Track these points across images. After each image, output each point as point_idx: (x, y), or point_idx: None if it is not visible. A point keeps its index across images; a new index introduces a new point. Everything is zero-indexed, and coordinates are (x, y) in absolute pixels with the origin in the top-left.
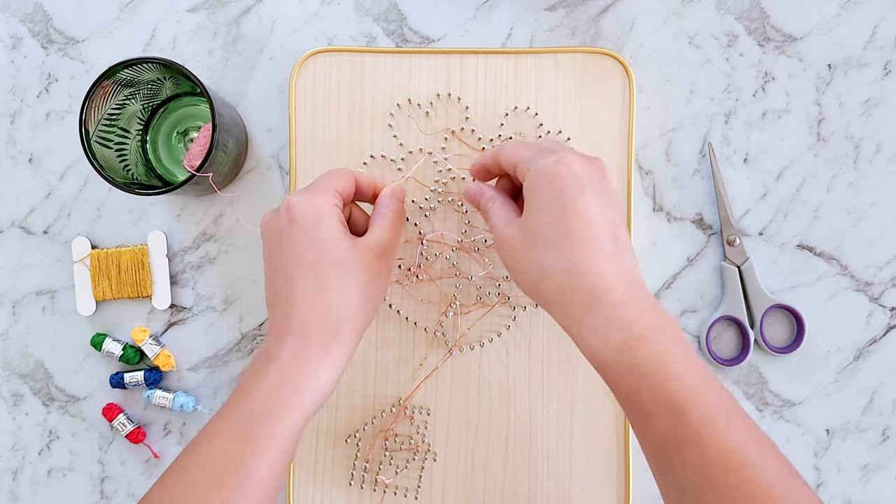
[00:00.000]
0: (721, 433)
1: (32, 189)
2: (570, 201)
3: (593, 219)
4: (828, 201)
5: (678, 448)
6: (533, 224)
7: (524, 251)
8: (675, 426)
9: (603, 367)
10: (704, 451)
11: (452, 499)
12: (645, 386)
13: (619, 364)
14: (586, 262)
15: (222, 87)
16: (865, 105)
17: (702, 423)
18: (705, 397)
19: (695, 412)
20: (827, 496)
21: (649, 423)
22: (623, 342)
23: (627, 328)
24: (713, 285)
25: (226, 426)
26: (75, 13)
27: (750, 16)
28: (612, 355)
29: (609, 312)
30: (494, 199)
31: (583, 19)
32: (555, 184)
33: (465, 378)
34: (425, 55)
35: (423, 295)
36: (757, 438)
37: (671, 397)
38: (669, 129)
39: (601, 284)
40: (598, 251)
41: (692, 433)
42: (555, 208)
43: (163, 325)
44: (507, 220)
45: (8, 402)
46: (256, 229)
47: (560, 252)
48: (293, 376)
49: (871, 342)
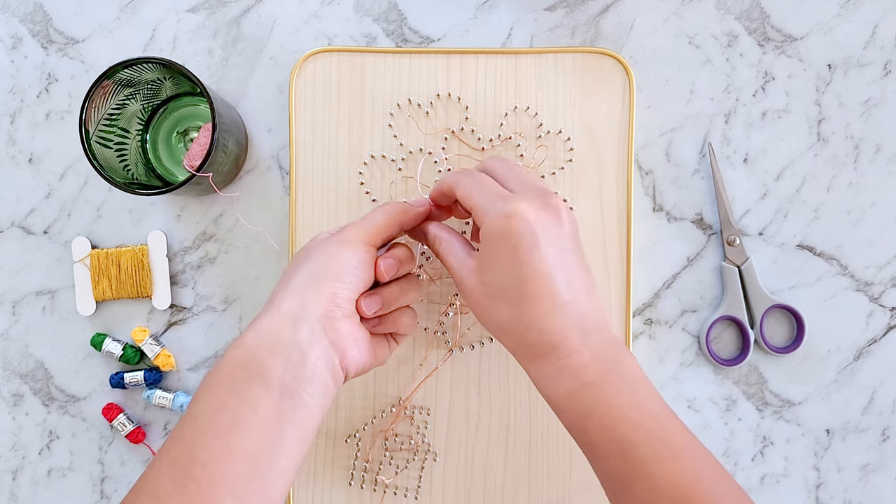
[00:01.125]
0: (669, 469)
1: (32, 189)
2: (524, 259)
3: (548, 272)
4: (828, 201)
5: (627, 485)
6: (489, 279)
7: (482, 302)
8: (623, 464)
9: (556, 409)
10: (652, 486)
11: (452, 499)
12: (592, 427)
13: (570, 409)
14: (541, 318)
15: (222, 87)
16: (865, 105)
17: (647, 460)
18: (653, 436)
19: (640, 450)
20: (827, 496)
21: (599, 461)
22: (573, 388)
23: (577, 376)
24: (713, 285)
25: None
26: (75, 13)
27: (750, 16)
28: (563, 400)
29: (561, 362)
30: (441, 240)
31: (583, 19)
32: (509, 240)
33: (465, 378)
34: (425, 55)
35: (423, 295)
36: (708, 474)
37: (617, 437)
38: (669, 129)
39: (555, 337)
40: (553, 305)
41: (639, 471)
42: (509, 266)
43: (163, 325)
44: (463, 263)
45: (8, 402)
46: (256, 229)
47: (515, 309)
48: (226, 351)
49: (871, 342)
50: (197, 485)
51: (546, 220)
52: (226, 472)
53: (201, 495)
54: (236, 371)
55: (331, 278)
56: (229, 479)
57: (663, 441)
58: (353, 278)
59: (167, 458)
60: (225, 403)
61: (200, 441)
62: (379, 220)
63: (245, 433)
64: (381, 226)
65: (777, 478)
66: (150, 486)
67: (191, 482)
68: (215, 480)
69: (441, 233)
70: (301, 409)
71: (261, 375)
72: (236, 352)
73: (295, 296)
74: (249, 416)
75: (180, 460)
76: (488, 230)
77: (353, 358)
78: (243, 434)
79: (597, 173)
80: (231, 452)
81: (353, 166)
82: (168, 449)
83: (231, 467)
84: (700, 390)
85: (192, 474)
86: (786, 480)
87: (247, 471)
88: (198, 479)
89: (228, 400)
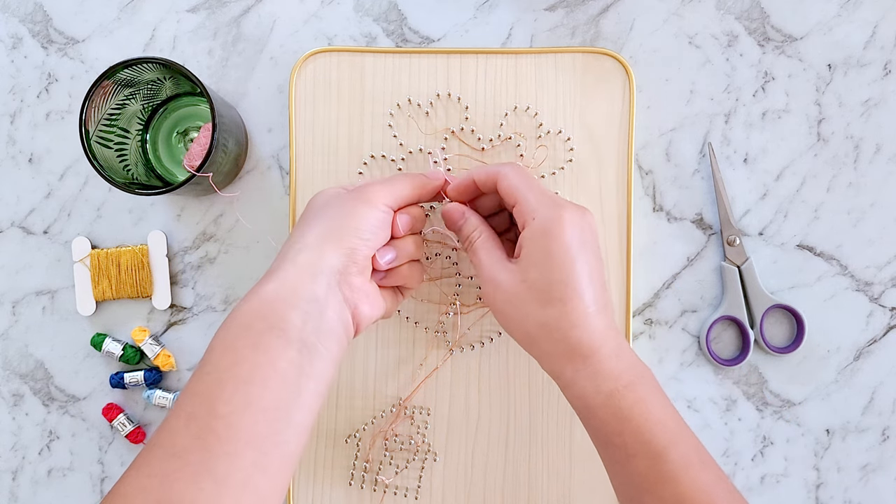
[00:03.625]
0: (695, 475)
1: (32, 189)
2: (574, 259)
3: (592, 276)
4: (828, 201)
5: (655, 487)
6: (534, 276)
7: (524, 302)
8: (654, 466)
9: (590, 411)
10: (680, 490)
11: (452, 499)
12: (628, 428)
13: (606, 409)
14: (587, 317)
15: (222, 87)
16: (865, 105)
17: (678, 464)
18: (682, 441)
19: (672, 454)
20: (827, 496)
21: (630, 462)
22: (613, 389)
23: (617, 377)
24: (713, 285)
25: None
26: (75, 13)
27: (750, 16)
28: (601, 400)
29: (602, 363)
30: (481, 233)
31: (583, 19)
32: (562, 239)
33: (465, 378)
34: (425, 55)
35: (423, 295)
36: (724, 483)
37: (652, 440)
38: (669, 129)
39: (597, 340)
40: (595, 306)
41: (669, 474)
42: (560, 265)
43: (163, 325)
44: (499, 263)
45: (8, 402)
46: (256, 229)
47: (563, 307)
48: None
49: (871, 342)
50: (217, 437)
51: (590, 229)
52: (246, 425)
53: (221, 448)
54: (254, 322)
55: (350, 234)
56: (249, 432)
57: (692, 447)
58: (371, 236)
59: (183, 413)
60: (243, 356)
61: (220, 394)
62: (404, 188)
63: (264, 386)
64: (404, 194)
65: (777, 478)
66: (166, 442)
67: (210, 435)
68: (235, 433)
69: (483, 226)
70: (318, 363)
71: (280, 328)
72: (253, 303)
73: (313, 249)
74: (269, 368)
75: (199, 414)
76: (539, 227)
77: (365, 313)
78: (262, 387)
79: (597, 173)
80: (251, 405)
81: (353, 166)
82: (183, 404)
83: (251, 419)
84: (700, 390)
85: (213, 427)
86: (786, 480)
87: (266, 424)
88: (218, 432)
89: (246, 352)
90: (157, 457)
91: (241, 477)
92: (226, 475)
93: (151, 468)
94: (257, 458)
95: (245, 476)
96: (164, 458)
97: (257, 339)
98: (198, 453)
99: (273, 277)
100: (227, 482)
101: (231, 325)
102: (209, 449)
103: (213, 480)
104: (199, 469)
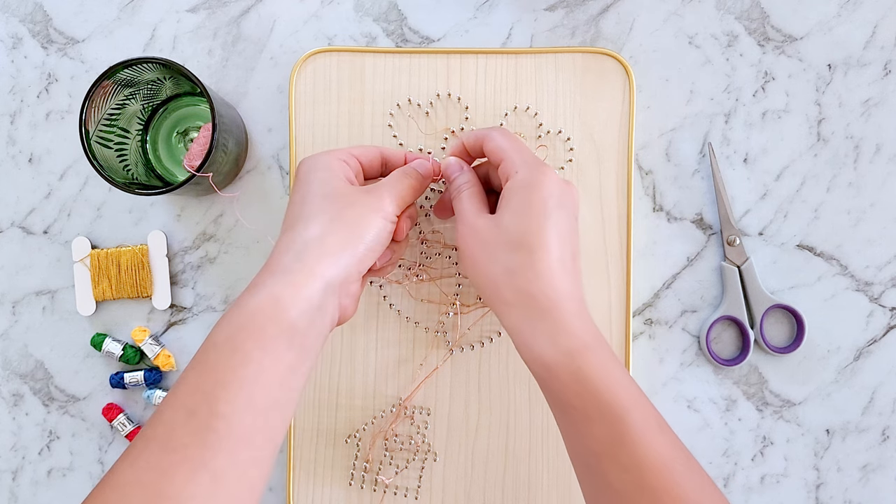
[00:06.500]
0: (654, 439)
1: (32, 189)
2: (550, 213)
3: (563, 236)
4: (828, 201)
5: (614, 451)
6: (510, 223)
7: (494, 246)
8: (613, 430)
9: (547, 371)
10: (639, 454)
11: (452, 499)
12: (588, 390)
13: (564, 368)
14: (551, 271)
15: (222, 87)
16: (865, 105)
17: (637, 429)
18: (641, 407)
19: (632, 418)
20: (827, 496)
21: (588, 426)
22: (573, 348)
23: (577, 337)
24: (713, 285)
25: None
26: (75, 13)
27: (750, 16)
28: (560, 359)
29: (563, 319)
30: (472, 185)
31: (583, 19)
32: (541, 192)
33: (465, 378)
34: (425, 55)
35: (423, 295)
36: (682, 449)
37: (612, 403)
38: (669, 129)
39: (560, 294)
40: (561, 265)
41: (628, 437)
42: (535, 215)
43: (163, 325)
44: (479, 211)
45: (8, 402)
46: (256, 229)
47: (530, 256)
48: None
49: (871, 342)
50: (217, 436)
51: (570, 197)
52: (245, 424)
53: (220, 445)
54: (266, 326)
55: (361, 245)
56: (248, 430)
57: (651, 413)
58: (380, 248)
59: (183, 407)
60: (251, 357)
61: (223, 394)
62: (408, 194)
63: (265, 386)
64: (408, 201)
65: (777, 478)
66: (163, 435)
67: (211, 433)
68: (234, 432)
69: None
70: (307, 363)
71: (289, 334)
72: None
73: (331, 258)
74: (272, 371)
75: (200, 412)
76: (521, 180)
77: (349, 313)
78: (264, 387)
79: (597, 173)
80: (252, 405)
81: None
82: (183, 397)
83: (250, 419)
84: (700, 390)
85: (213, 426)
86: (786, 480)
87: (263, 422)
88: (218, 430)
89: (254, 354)
90: (153, 450)
91: (238, 472)
92: (223, 470)
93: (149, 461)
94: (253, 453)
95: (241, 471)
96: (162, 451)
97: (265, 342)
98: (197, 449)
99: (282, 274)
100: (224, 477)
101: (239, 320)
102: (209, 446)
103: (210, 475)
104: (197, 465)
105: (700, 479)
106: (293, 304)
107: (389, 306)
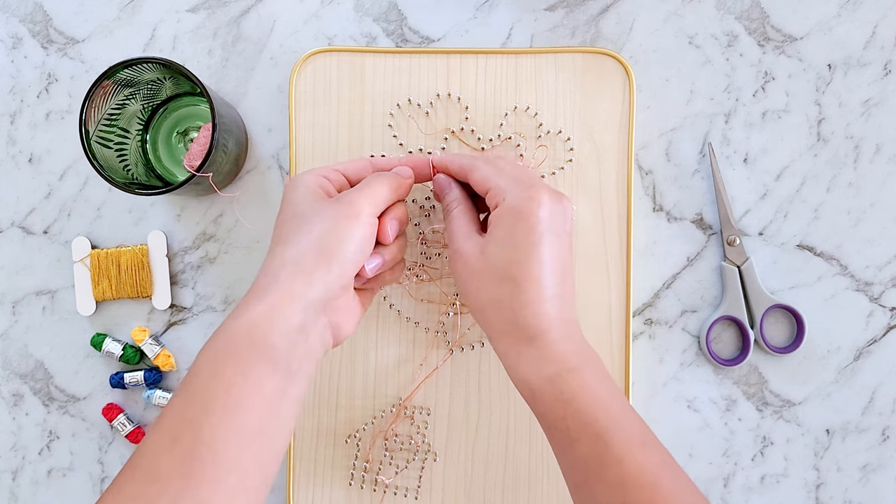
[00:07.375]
0: (637, 457)
1: (32, 189)
2: (536, 242)
3: (552, 262)
4: (828, 201)
5: (599, 470)
6: (496, 254)
7: (481, 275)
8: (596, 449)
9: (533, 395)
10: (623, 472)
11: (452, 499)
12: (570, 412)
13: (549, 392)
14: (537, 301)
15: (222, 87)
16: (865, 105)
17: (621, 447)
18: (625, 425)
19: (615, 437)
20: (827, 496)
21: (573, 446)
22: (555, 373)
23: (560, 362)
24: (713, 285)
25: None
26: (75, 13)
27: (750, 16)
28: (543, 385)
29: (548, 346)
30: (459, 203)
31: (583, 19)
32: (527, 220)
33: (465, 378)
34: (425, 55)
35: (423, 295)
36: (670, 465)
37: (594, 423)
38: (669, 129)
39: (545, 323)
40: (547, 293)
41: (612, 456)
42: (521, 246)
43: (163, 325)
44: (468, 234)
45: (8, 402)
46: (256, 229)
47: (515, 288)
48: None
49: (871, 342)
50: (201, 464)
51: (560, 215)
52: (230, 451)
53: (205, 474)
54: (242, 348)
55: (340, 258)
56: (233, 458)
57: (633, 429)
58: (360, 255)
59: (168, 435)
60: (232, 382)
61: (206, 421)
62: (383, 192)
63: (249, 411)
64: (384, 198)
65: (777, 478)
66: (148, 464)
67: (195, 462)
68: (219, 460)
69: (463, 198)
70: (298, 386)
71: (270, 357)
72: (241, 324)
73: (298, 269)
74: (255, 395)
75: (184, 440)
76: (508, 207)
77: (346, 331)
78: (248, 412)
79: (597, 173)
80: (237, 431)
81: None
82: (168, 426)
83: (235, 446)
84: (700, 390)
85: (198, 454)
86: (786, 480)
87: (249, 449)
88: (203, 458)
89: (236, 379)
90: (138, 480)
91: (223, 500)
92: (208, 499)
93: (135, 491)
94: (239, 480)
95: (226, 499)
96: (147, 481)
97: (246, 367)
98: (180, 480)
99: (260, 298)
100: None
101: (219, 345)
102: (193, 475)
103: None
104: (181, 495)
105: (688, 495)
106: (270, 327)
107: (389, 306)
